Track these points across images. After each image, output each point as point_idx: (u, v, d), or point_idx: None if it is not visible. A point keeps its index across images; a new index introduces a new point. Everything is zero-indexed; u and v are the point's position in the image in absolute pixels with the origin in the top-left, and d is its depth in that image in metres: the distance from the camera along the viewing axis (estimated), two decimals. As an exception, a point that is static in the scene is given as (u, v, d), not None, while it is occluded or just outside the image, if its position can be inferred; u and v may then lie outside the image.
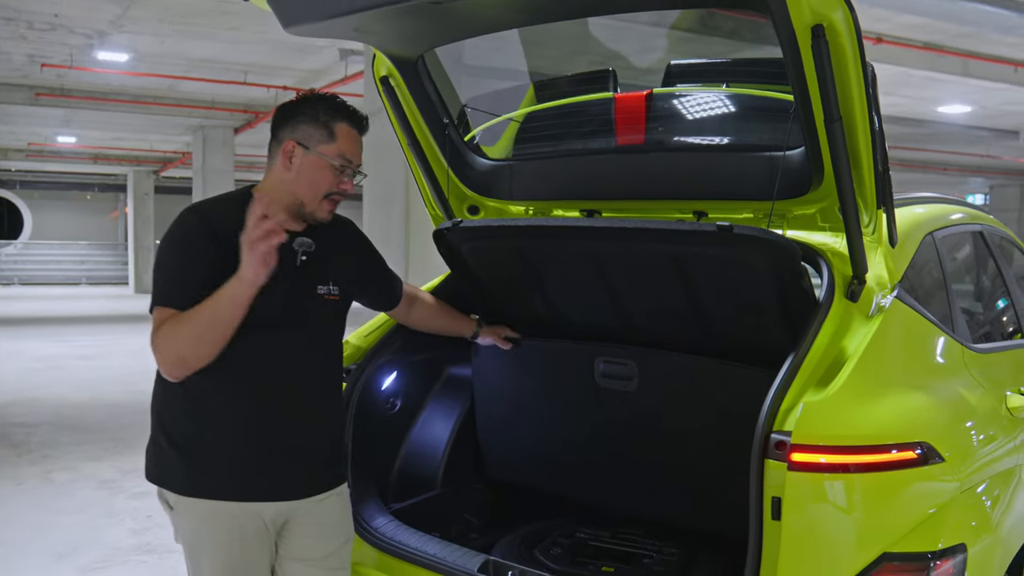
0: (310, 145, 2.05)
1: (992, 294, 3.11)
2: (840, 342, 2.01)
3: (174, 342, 1.92)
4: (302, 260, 2.10)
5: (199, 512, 2.04)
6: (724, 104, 2.48)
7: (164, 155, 20.92)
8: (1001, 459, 2.23)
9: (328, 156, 2.05)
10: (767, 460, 1.79)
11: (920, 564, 1.76)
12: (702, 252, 2.27)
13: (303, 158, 2.05)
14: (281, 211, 2.05)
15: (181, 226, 2.03)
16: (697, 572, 2.51)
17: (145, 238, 24.30)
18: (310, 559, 2.16)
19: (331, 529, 2.19)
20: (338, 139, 2.07)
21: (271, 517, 2.08)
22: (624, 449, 2.72)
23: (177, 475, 2.05)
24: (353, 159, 2.10)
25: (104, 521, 4.69)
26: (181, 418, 2.06)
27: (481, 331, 2.75)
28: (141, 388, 8.42)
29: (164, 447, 2.06)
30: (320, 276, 2.14)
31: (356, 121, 2.11)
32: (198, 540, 2.08)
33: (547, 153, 2.77)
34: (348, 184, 2.10)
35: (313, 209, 2.09)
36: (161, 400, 2.10)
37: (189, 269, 1.97)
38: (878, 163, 2.02)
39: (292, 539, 2.14)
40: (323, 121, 2.06)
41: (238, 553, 2.06)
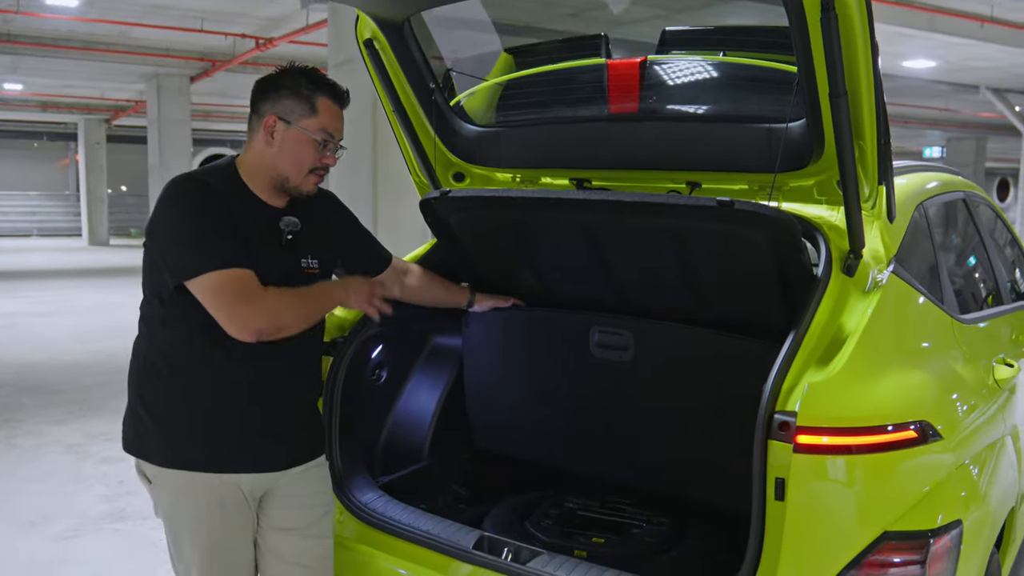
0: (292, 120, 2.03)
1: (975, 261, 3.13)
2: (838, 318, 2.01)
3: (289, 312, 2.00)
4: (287, 239, 2.11)
5: (178, 484, 2.03)
6: (720, 73, 2.43)
7: (116, 103, 20.29)
8: (990, 431, 2.26)
9: (310, 131, 2.04)
10: (771, 441, 1.78)
11: (920, 542, 1.78)
12: (700, 227, 2.23)
13: (285, 133, 2.03)
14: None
15: (194, 193, 2.00)
16: (687, 542, 2.53)
17: (98, 188, 23.69)
18: (292, 528, 2.17)
19: (312, 499, 2.21)
20: (320, 113, 2.05)
21: (250, 489, 2.08)
22: (615, 419, 2.72)
23: (156, 446, 2.04)
24: (336, 133, 2.09)
25: (73, 487, 4.61)
26: (161, 389, 2.04)
27: (476, 299, 2.71)
28: (102, 347, 8.28)
29: (143, 418, 2.05)
30: (303, 250, 2.15)
31: (338, 95, 2.10)
32: (177, 513, 2.07)
33: (537, 120, 2.71)
34: (331, 158, 2.10)
35: (298, 184, 2.08)
36: (140, 371, 2.08)
37: (222, 227, 1.96)
38: (881, 137, 2.00)
39: (273, 510, 2.15)
40: (304, 95, 2.04)
41: (219, 525, 2.06)
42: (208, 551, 2.06)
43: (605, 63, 2.49)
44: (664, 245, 2.34)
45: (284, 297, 2.00)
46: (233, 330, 1.94)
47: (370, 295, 2.22)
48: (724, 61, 2.39)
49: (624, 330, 2.60)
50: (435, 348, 2.96)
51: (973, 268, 3.11)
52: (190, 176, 2.05)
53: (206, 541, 2.05)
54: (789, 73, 2.19)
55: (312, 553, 2.20)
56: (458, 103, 2.77)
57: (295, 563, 2.17)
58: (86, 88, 17.83)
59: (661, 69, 2.46)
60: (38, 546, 3.84)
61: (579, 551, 2.41)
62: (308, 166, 2.06)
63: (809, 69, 1.95)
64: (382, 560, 2.29)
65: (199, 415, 2.02)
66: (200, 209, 1.97)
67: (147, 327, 2.07)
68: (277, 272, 2.05)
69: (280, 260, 2.07)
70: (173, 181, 2.02)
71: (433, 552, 2.22)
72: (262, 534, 2.16)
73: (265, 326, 1.95)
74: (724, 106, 2.45)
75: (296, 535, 2.17)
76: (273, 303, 1.97)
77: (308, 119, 2.03)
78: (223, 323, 1.94)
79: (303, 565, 2.18)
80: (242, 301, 1.93)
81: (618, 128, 2.54)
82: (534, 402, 2.88)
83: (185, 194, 1.99)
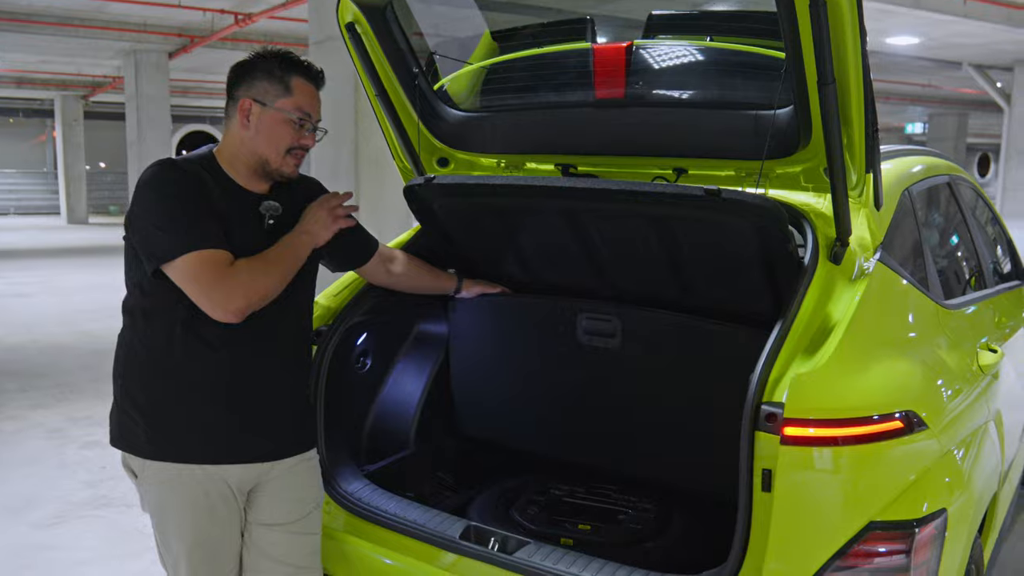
0: (267, 101, 2.01)
1: (960, 246, 3.14)
2: (824, 307, 2.01)
3: (263, 280, 1.96)
4: (270, 224, 2.08)
5: (164, 477, 2.02)
6: (707, 59, 2.41)
7: (94, 79, 19.99)
8: (974, 418, 2.27)
9: (286, 110, 2.02)
10: (758, 432, 1.78)
11: (905, 532, 1.78)
12: (687, 215, 2.22)
13: (261, 115, 2.01)
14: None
15: (168, 177, 1.97)
16: (673, 528, 2.54)
17: (76, 166, 23.39)
18: (279, 524, 2.15)
19: (300, 493, 2.18)
20: (295, 93, 2.03)
21: (237, 483, 2.06)
22: (602, 405, 2.71)
23: (141, 439, 2.02)
24: (312, 113, 2.06)
25: (56, 473, 4.57)
26: (145, 381, 2.02)
27: (463, 285, 2.69)
28: (84, 329, 8.21)
29: (128, 411, 2.03)
30: (284, 235, 2.09)
31: (312, 75, 2.07)
32: (164, 507, 2.05)
33: (521, 105, 2.68)
34: (309, 138, 2.06)
35: (278, 166, 2.05)
36: (124, 364, 2.06)
37: (199, 209, 1.94)
38: (869, 126, 1.99)
39: (261, 505, 2.13)
40: (278, 76, 2.02)
41: (205, 519, 2.04)
42: (195, 545, 2.04)
43: (591, 48, 2.46)
44: (650, 233, 2.33)
45: (256, 267, 1.96)
46: (215, 313, 1.91)
47: (331, 216, 2.14)
48: (711, 46, 2.37)
49: (611, 316, 2.59)
50: (420, 335, 2.94)
51: (957, 253, 3.12)
52: (166, 162, 2.01)
53: (193, 535, 2.04)
54: (776, 59, 2.18)
55: (299, 551, 2.17)
56: (442, 87, 2.74)
57: (281, 561, 2.14)
58: (62, 64, 17.54)
59: (647, 54, 2.43)
60: (22, 533, 3.81)
61: (565, 539, 2.42)
62: (286, 147, 2.03)
63: (797, 56, 1.93)
64: (369, 550, 2.28)
65: (184, 408, 2.00)
66: (174, 192, 1.94)
67: (130, 319, 2.04)
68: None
69: (262, 246, 2.03)
70: (149, 167, 1.99)
71: (420, 542, 2.22)
72: (248, 529, 2.14)
73: (244, 303, 1.93)
74: (711, 92, 2.43)
75: (283, 531, 2.15)
76: (247, 277, 1.94)
77: (283, 99, 2.01)
78: (203, 307, 1.92)
79: (289, 564, 2.15)
80: (218, 282, 1.90)
81: (604, 114, 2.52)
82: (520, 388, 2.88)
83: (160, 178, 1.96)
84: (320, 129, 2.10)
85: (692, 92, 2.47)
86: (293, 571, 2.16)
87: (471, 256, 2.76)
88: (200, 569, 2.06)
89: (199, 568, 2.06)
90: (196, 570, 2.05)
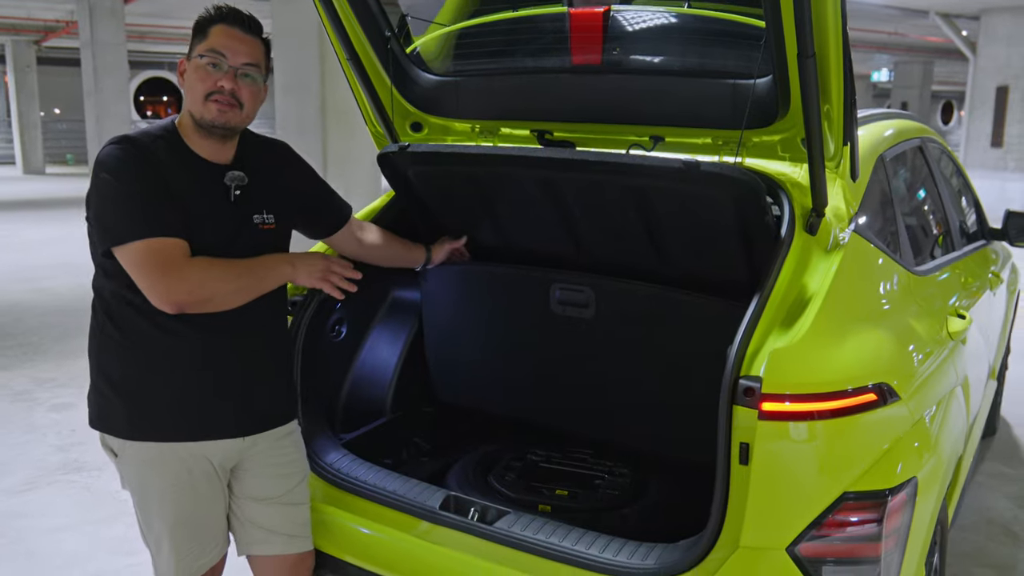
0: (191, 55, 1.98)
1: (930, 210, 3.17)
2: (800, 279, 2.02)
3: (216, 284, 1.92)
4: (236, 195, 2.04)
5: (144, 457, 2.00)
6: (686, 26, 2.37)
7: (46, 24, 19.32)
8: (943, 385, 2.32)
9: (199, 54, 1.96)
10: (736, 406, 1.80)
11: (878, 501, 1.83)
12: (665, 186, 2.22)
13: (187, 69, 1.99)
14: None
15: (123, 158, 1.90)
16: (648, 493, 2.58)
17: (31, 114, 22.74)
18: (267, 498, 2.16)
19: (287, 468, 2.19)
20: (210, 36, 1.97)
21: (219, 460, 2.05)
22: (576, 373, 2.73)
23: (119, 419, 2.00)
24: (227, 52, 1.95)
25: (24, 437, 4.53)
26: (119, 360, 1.99)
27: (432, 253, 2.66)
28: (45, 285, 8.05)
29: (104, 391, 2.01)
30: (255, 206, 2.07)
31: (232, 19, 1.99)
32: (145, 487, 2.04)
33: (496, 70, 2.63)
34: (226, 78, 1.95)
35: (201, 114, 1.97)
36: (98, 343, 2.02)
37: (154, 193, 1.89)
38: (848, 98, 1.98)
39: (247, 480, 2.14)
40: (202, 28, 1.99)
41: (187, 497, 2.03)
42: (177, 523, 2.04)
43: (567, 12, 2.42)
44: (628, 203, 2.32)
45: (213, 269, 1.92)
46: (155, 301, 1.88)
47: (325, 271, 2.15)
48: (690, 13, 2.34)
49: (584, 287, 2.59)
50: (395, 301, 2.92)
51: (928, 217, 3.15)
52: (122, 139, 1.94)
53: (175, 513, 2.03)
54: (755, 28, 2.16)
55: (292, 519, 2.19)
56: (415, 50, 2.68)
57: (272, 530, 2.16)
58: (11, 7, 16.93)
59: (625, 19, 2.39)
60: (-7, 500, 3.79)
61: (543, 506, 2.45)
62: (203, 92, 1.95)
63: (778, 28, 1.91)
64: (349, 521, 2.30)
65: (159, 384, 1.98)
66: (128, 175, 1.88)
67: (99, 298, 2.00)
68: (226, 230, 1.99)
69: (228, 217, 1.99)
70: (106, 145, 1.93)
71: (400, 513, 2.23)
72: (238, 503, 2.15)
73: (186, 299, 1.88)
74: (689, 60, 2.41)
75: (272, 503, 2.16)
76: (198, 274, 1.89)
77: (199, 45, 1.97)
78: (145, 294, 1.88)
79: (282, 532, 2.17)
80: (162, 272, 1.85)
81: (581, 80, 2.48)
82: (495, 357, 2.88)
83: (113, 159, 1.89)
84: (250, 73, 1.97)
85: (670, 59, 2.44)
86: (286, 539, 2.19)
87: (444, 223, 2.73)
88: (183, 547, 2.06)
89: (182, 546, 2.06)
90: (179, 548, 2.05)
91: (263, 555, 2.19)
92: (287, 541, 2.19)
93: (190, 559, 2.08)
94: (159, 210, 1.87)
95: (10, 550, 3.37)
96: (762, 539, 1.81)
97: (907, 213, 2.84)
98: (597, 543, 2.03)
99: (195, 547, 2.08)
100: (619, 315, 2.58)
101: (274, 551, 2.18)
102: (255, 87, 2.00)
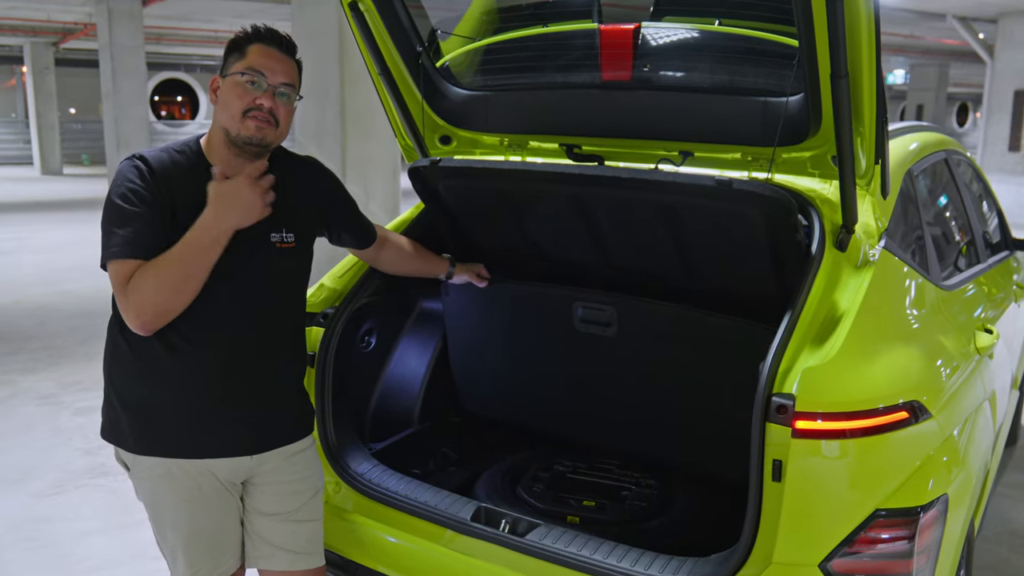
0: (226, 72, 2.00)
1: (956, 223, 3.18)
2: (832, 295, 2.04)
3: (151, 294, 1.84)
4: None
5: (155, 472, 2.01)
6: (716, 43, 2.39)
7: (64, 26, 19.46)
8: (972, 400, 2.33)
9: (237, 72, 1.97)
10: (768, 424, 1.82)
11: (909, 519, 1.84)
12: (696, 203, 2.23)
13: (222, 86, 2.00)
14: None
15: (128, 173, 1.92)
16: (676, 505, 2.60)
17: (48, 115, 22.92)
18: (278, 514, 2.14)
19: (298, 485, 2.16)
20: (248, 55, 1.99)
21: (226, 476, 2.05)
22: (601, 388, 2.76)
23: (127, 434, 2.01)
24: (265, 72, 1.97)
25: (51, 441, 4.58)
26: (131, 378, 2.00)
27: (455, 270, 2.68)
28: (68, 288, 8.13)
29: (116, 407, 2.01)
30: (274, 223, 2.04)
31: (271, 39, 2.01)
32: (158, 500, 2.05)
33: (526, 84, 2.66)
34: (265, 97, 1.97)
35: (237, 131, 1.97)
36: (111, 360, 2.03)
37: (145, 216, 1.88)
38: (880, 117, 2.00)
39: (258, 495, 2.12)
40: (239, 46, 2.00)
41: (199, 511, 2.04)
42: (190, 536, 2.04)
43: (597, 28, 2.44)
44: (658, 219, 2.34)
45: (145, 281, 1.84)
46: (128, 325, 1.89)
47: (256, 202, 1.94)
48: (720, 31, 2.36)
49: (607, 305, 2.61)
50: (423, 312, 2.95)
51: (954, 231, 3.16)
52: (136, 155, 1.95)
53: (188, 527, 2.03)
54: (786, 46, 2.17)
55: (298, 537, 2.16)
56: (444, 64, 2.71)
57: (280, 547, 2.14)
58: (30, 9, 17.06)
59: (656, 36, 2.41)
60: (22, 504, 3.84)
61: (572, 517, 2.47)
62: (240, 108, 1.95)
63: (811, 47, 1.93)
64: (380, 531, 2.32)
65: (168, 404, 1.98)
66: (123, 193, 1.88)
67: (113, 311, 2.00)
68: (239, 249, 1.96)
69: (242, 236, 1.94)
70: (123, 159, 1.96)
71: (431, 524, 2.26)
72: (247, 516, 2.13)
73: (140, 319, 1.86)
74: (720, 77, 2.42)
75: (280, 520, 2.14)
76: (136, 294, 1.84)
77: (237, 63, 1.98)
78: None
79: (288, 549, 2.15)
80: (120, 295, 1.86)
81: (610, 95, 2.51)
82: (518, 371, 2.91)
83: (121, 176, 1.91)
84: (287, 92, 2.00)
85: (700, 76, 2.46)
86: (293, 556, 2.16)
87: (473, 236, 2.76)
88: (197, 560, 2.06)
89: (196, 559, 2.05)
90: (193, 561, 2.05)
91: (269, 570, 2.17)
92: (293, 558, 2.15)
93: (205, 571, 2.07)
94: (142, 233, 1.87)
95: (43, 554, 3.42)
96: (795, 555, 1.82)
97: (934, 227, 2.85)
98: (628, 556, 2.05)
99: (209, 560, 2.07)
100: (642, 333, 2.60)
101: (279, 567, 2.15)
102: (290, 106, 2.02)
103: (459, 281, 2.72)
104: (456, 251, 2.77)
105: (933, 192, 3.02)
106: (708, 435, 2.52)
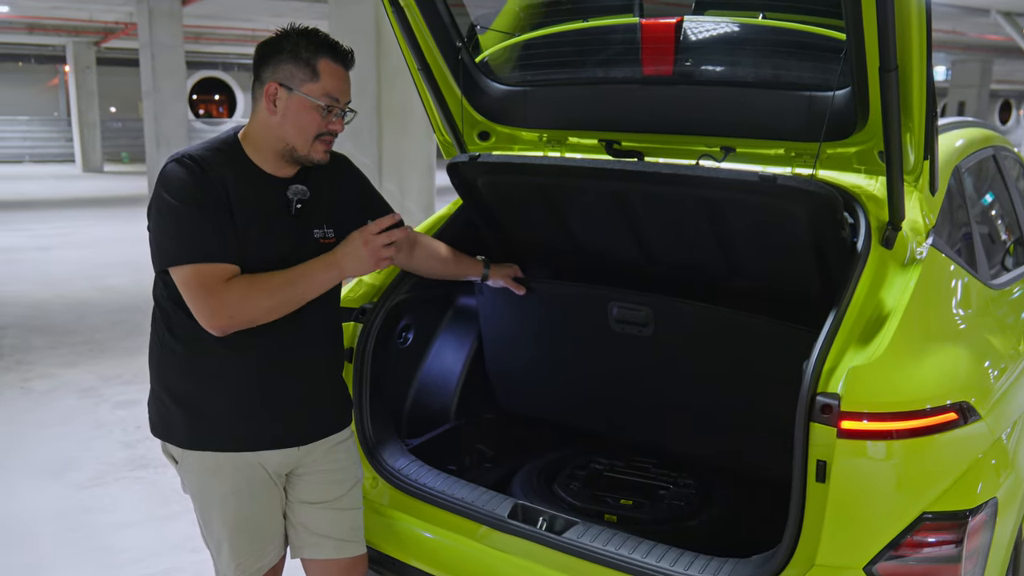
0: (293, 86, 1.94)
1: (1005, 222, 3.11)
2: (877, 294, 2.00)
3: (258, 303, 1.91)
4: (297, 208, 2.04)
5: (204, 465, 2.05)
6: (759, 37, 2.36)
7: (105, 26, 19.75)
8: (1021, 401, 2.27)
9: (313, 96, 1.94)
10: (812, 423, 1.79)
11: (957, 522, 1.80)
12: (739, 199, 2.20)
13: (287, 100, 1.95)
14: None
15: (183, 177, 1.91)
16: (714, 505, 2.57)
17: (89, 113, 23.26)
18: (322, 502, 2.19)
19: (340, 474, 2.22)
20: (322, 77, 1.95)
21: (274, 468, 2.09)
22: (636, 386, 2.73)
23: (179, 430, 2.04)
24: (340, 97, 1.98)
25: (92, 433, 4.66)
26: (179, 373, 2.03)
27: (490, 273, 2.65)
28: (109, 284, 8.26)
29: (164, 401, 2.05)
30: (315, 220, 2.07)
31: (340, 56, 1.99)
32: (205, 493, 2.09)
33: (566, 79, 2.64)
34: (338, 123, 2.00)
35: (306, 152, 2.00)
36: (159, 356, 2.06)
37: (210, 216, 1.90)
38: (929, 111, 1.95)
39: (302, 486, 2.17)
40: (305, 59, 1.94)
41: (246, 503, 2.08)
42: (237, 528, 2.08)
43: (639, 23, 2.42)
44: (699, 215, 2.32)
45: (252, 290, 1.90)
46: (202, 323, 1.91)
47: (372, 256, 2.00)
48: (763, 25, 2.32)
49: (643, 306, 2.58)
50: (459, 308, 2.95)
51: (1003, 229, 3.08)
52: (186, 156, 1.95)
53: (234, 519, 2.07)
54: (831, 39, 2.14)
55: (342, 525, 2.22)
56: (484, 60, 2.70)
57: (325, 535, 2.19)
58: (73, 9, 17.34)
59: (698, 31, 2.38)
60: (64, 495, 3.90)
61: (609, 515, 2.45)
62: (313, 133, 1.96)
63: (859, 40, 1.89)
64: (417, 527, 2.33)
65: (219, 399, 2.01)
66: (184, 197, 1.89)
67: (159, 308, 2.04)
68: (287, 244, 2.00)
69: (289, 231, 2.00)
70: (169, 161, 1.95)
71: (468, 520, 2.25)
72: (291, 507, 2.18)
73: (227, 323, 1.90)
74: (763, 71, 2.39)
75: (325, 508, 2.19)
76: (238, 299, 1.89)
77: (310, 84, 1.94)
78: (195, 315, 1.92)
79: (333, 537, 2.20)
80: (206, 297, 1.87)
81: (650, 90, 2.49)
82: (554, 369, 2.89)
83: (175, 178, 1.91)
84: (351, 111, 2.03)
85: (743, 71, 2.43)
86: (337, 544, 2.21)
87: (512, 233, 2.75)
88: (243, 550, 2.10)
89: (241, 550, 2.10)
90: (238, 552, 2.10)
91: (315, 559, 2.22)
92: (338, 545, 2.21)
93: (250, 561, 2.12)
94: (210, 234, 1.89)
95: (84, 545, 3.47)
96: (839, 558, 1.79)
97: (982, 225, 2.79)
98: (668, 556, 2.03)
99: (254, 550, 2.12)
100: (678, 334, 2.57)
101: (325, 555, 2.20)
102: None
103: (494, 284, 2.70)
104: (493, 247, 2.76)
105: (980, 189, 2.95)
106: (746, 434, 2.48)
